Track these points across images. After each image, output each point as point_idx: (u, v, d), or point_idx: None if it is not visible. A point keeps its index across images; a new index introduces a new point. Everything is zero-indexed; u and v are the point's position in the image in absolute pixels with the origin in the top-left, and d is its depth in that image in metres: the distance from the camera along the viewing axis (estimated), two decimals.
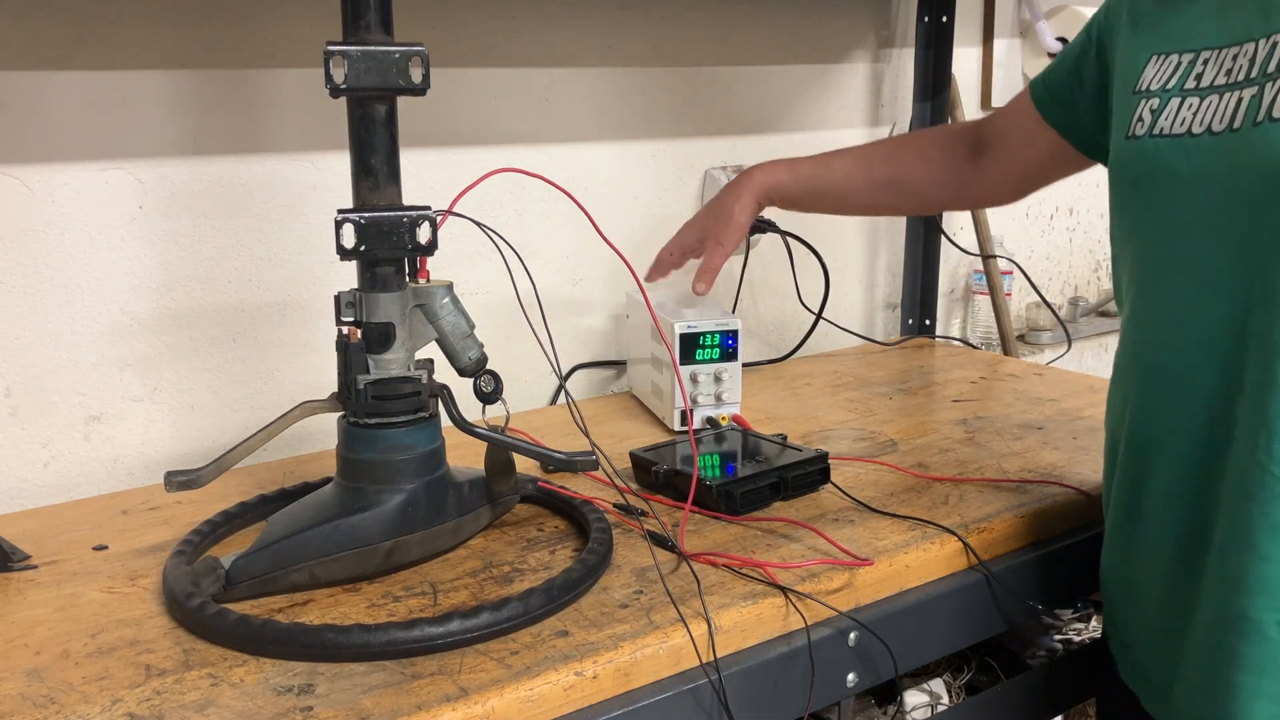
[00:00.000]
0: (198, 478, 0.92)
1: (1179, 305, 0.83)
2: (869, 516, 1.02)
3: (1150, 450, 0.88)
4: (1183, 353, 0.83)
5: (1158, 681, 0.89)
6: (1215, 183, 0.79)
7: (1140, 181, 0.87)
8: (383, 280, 0.90)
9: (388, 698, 0.72)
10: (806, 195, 1.27)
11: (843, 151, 1.28)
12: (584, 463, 0.96)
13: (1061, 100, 1.05)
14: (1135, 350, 0.90)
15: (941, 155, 1.20)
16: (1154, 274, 0.87)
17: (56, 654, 0.79)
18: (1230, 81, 0.80)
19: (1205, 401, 0.82)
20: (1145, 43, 0.90)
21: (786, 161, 1.28)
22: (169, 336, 1.22)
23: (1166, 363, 0.85)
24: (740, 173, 1.31)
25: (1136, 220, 0.88)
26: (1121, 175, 0.90)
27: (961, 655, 1.12)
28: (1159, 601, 0.88)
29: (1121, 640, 0.96)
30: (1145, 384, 0.88)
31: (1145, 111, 0.86)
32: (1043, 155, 1.09)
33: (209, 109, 1.20)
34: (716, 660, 0.81)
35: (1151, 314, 0.87)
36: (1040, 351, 2.02)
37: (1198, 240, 0.81)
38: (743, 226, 1.28)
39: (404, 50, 0.86)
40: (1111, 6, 0.98)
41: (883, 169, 1.23)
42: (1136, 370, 0.89)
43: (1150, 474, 0.88)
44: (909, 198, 1.25)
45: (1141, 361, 0.89)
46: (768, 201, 1.29)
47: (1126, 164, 0.89)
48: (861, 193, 1.25)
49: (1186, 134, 0.82)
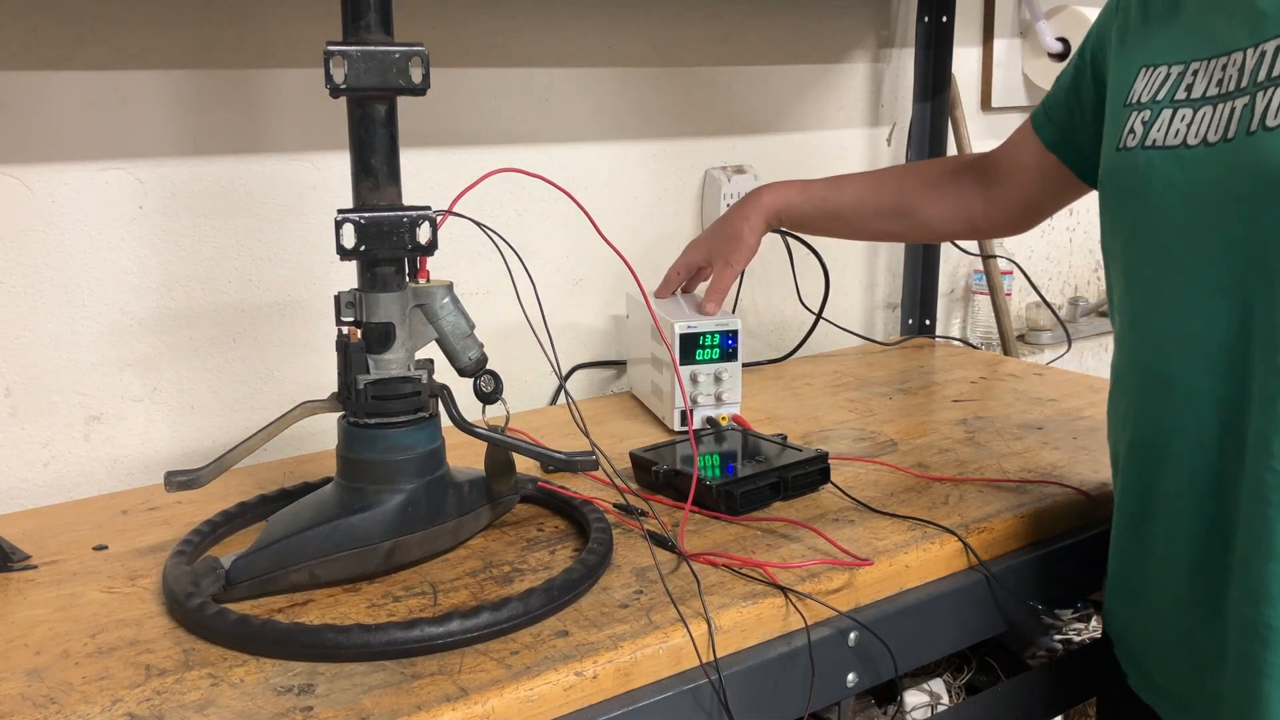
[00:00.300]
0: (198, 478, 0.92)
1: (1179, 313, 0.83)
2: (869, 516, 1.02)
3: (1158, 459, 0.87)
4: (1187, 361, 0.83)
5: (1179, 692, 0.89)
6: (1211, 191, 0.79)
7: (1134, 192, 0.86)
8: (383, 280, 0.90)
9: (388, 698, 0.72)
10: (816, 218, 1.29)
11: (853, 177, 1.29)
12: (584, 463, 0.96)
13: (1060, 124, 1.05)
14: (1136, 359, 0.89)
15: (950, 187, 1.21)
16: (1151, 283, 0.86)
17: (56, 654, 0.79)
18: (1222, 92, 0.80)
19: (1213, 409, 0.81)
20: (1134, 56, 0.90)
21: (798, 183, 1.30)
22: (169, 336, 1.22)
23: (1169, 371, 0.85)
24: (749, 192, 1.32)
25: (1131, 231, 0.88)
26: (1114, 186, 0.90)
27: (961, 655, 1.12)
28: (1177, 611, 0.87)
29: (1129, 650, 0.95)
30: (1148, 393, 0.88)
31: (1136, 123, 0.86)
32: (1047, 183, 1.10)
33: (209, 109, 1.20)
34: (716, 660, 0.81)
35: (1151, 323, 0.87)
36: (1040, 351, 2.02)
37: (1194, 248, 0.81)
38: (752, 248, 1.30)
39: (404, 50, 0.85)
40: (1102, 26, 0.98)
41: (892, 197, 1.24)
42: (1137, 379, 0.89)
43: (1160, 483, 0.87)
44: (918, 227, 1.25)
45: (1143, 370, 0.88)
46: (777, 222, 1.30)
47: (1119, 176, 0.89)
48: (870, 219, 1.26)
49: (1181, 145, 0.82)
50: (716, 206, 1.58)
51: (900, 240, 1.74)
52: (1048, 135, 1.07)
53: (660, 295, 1.38)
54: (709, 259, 1.33)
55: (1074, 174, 1.06)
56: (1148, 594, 0.91)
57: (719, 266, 1.31)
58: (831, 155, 1.73)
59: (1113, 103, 0.92)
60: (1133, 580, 0.93)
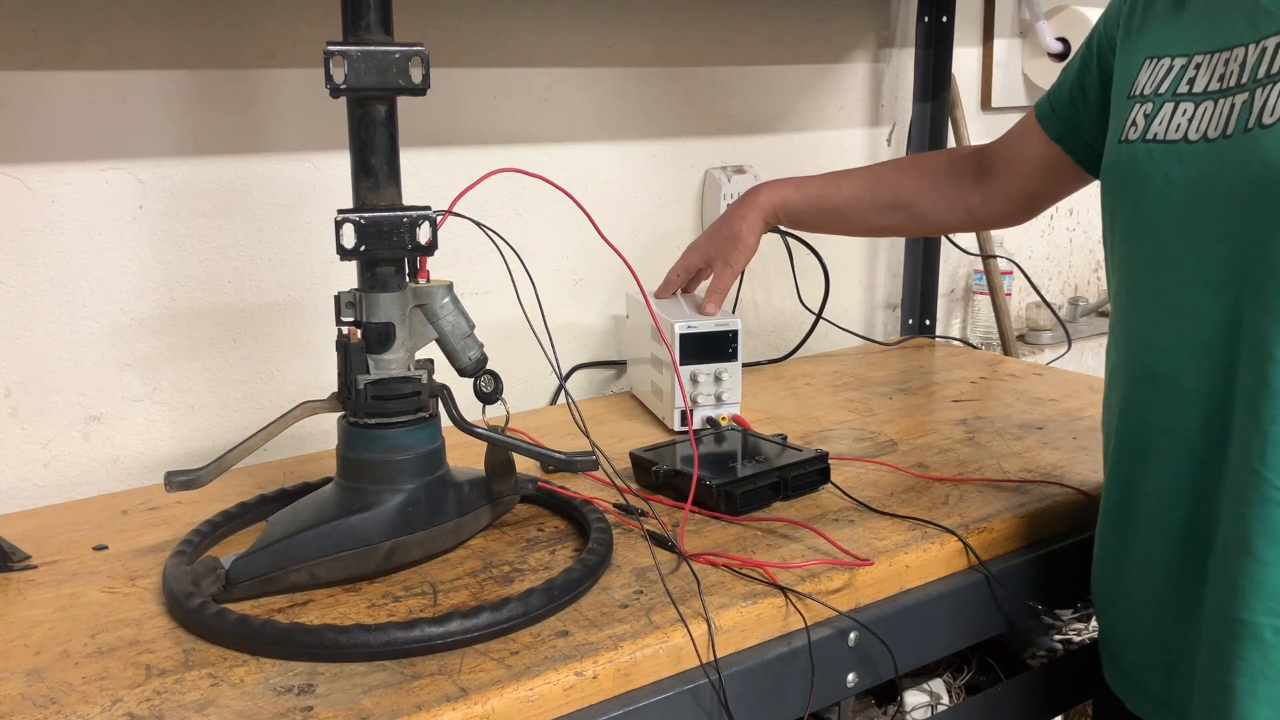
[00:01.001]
0: (198, 478, 0.92)
1: (1170, 309, 0.83)
2: (869, 516, 1.02)
3: (1143, 454, 0.88)
4: (1174, 356, 0.83)
5: (1154, 687, 0.89)
6: (1207, 188, 0.80)
7: (1133, 185, 0.87)
8: (383, 280, 0.90)
9: (388, 698, 0.72)
10: (814, 215, 1.29)
11: (850, 172, 1.29)
12: (584, 463, 0.96)
13: (1065, 115, 1.05)
14: (1126, 353, 0.90)
15: (948, 179, 1.21)
16: (1145, 277, 0.87)
17: (56, 654, 0.79)
18: (1223, 88, 0.80)
19: (1199, 405, 0.82)
20: (1140, 46, 0.90)
21: (794, 180, 1.30)
22: (169, 336, 1.22)
23: (1157, 366, 0.85)
24: (746, 192, 1.32)
25: (1128, 224, 0.88)
26: (1114, 179, 0.90)
27: (961, 655, 1.12)
28: (1155, 605, 0.88)
29: (1108, 643, 0.96)
30: (1136, 387, 0.88)
31: (1139, 116, 0.87)
32: (1049, 174, 1.10)
33: (209, 109, 1.20)
34: (716, 660, 0.81)
35: (1142, 317, 0.87)
36: (1040, 351, 2.02)
37: (1189, 244, 0.81)
38: (751, 247, 1.30)
39: (404, 50, 0.85)
40: (1109, 18, 0.98)
41: (890, 191, 1.24)
42: (1127, 373, 0.89)
43: (1143, 477, 0.88)
44: (916, 220, 1.26)
45: (1132, 364, 0.89)
46: (775, 221, 1.31)
47: (1119, 168, 0.89)
48: (868, 214, 1.26)
49: (1182, 140, 0.82)
50: (716, 206, 1.58)
51: (900, 234, 1.73)
52: (1052, 126, 1.07)
53: (660, 296, 1.38)
54: (708, 260, 1.33)
55: (1078, 165, 1.06)
56: (1127, 588, 0.92)
57: (719, 267, 1.31)
58: (831, 155, 1.73)
59: (1117, 94, 0.92)
60: (1112, 574, 0.94)
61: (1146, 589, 0.88)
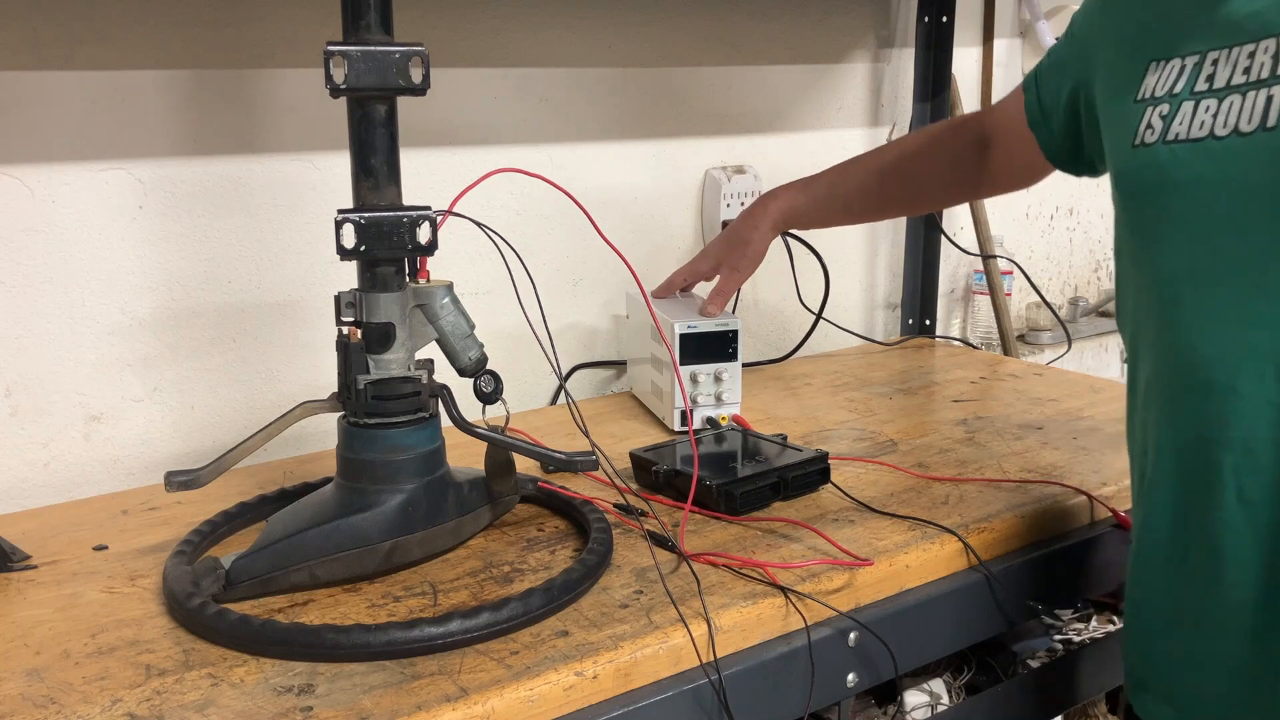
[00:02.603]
0: (198, 478, 0.92)
1: (1227, 315, 0.78)
2: (869, 516, 1.02)
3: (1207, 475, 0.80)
4: (1239, 365, 0.77)
5: None
6: (1251, 184, 0.75)
7: (1158, 189, 0.82)
8: (383, 280, 0.90)
9: (388, 698, 0.72)
10: (823, 214, 1.31)
11: (854, 165, 1.30)
12: (584, 463, 0.95)
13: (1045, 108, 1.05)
14: (1165, 364, 0.83)
15: (949, 154, 1.22)
16: (1189, 286, 0.80)
17: (56, 654, 0.79)
18: (1250, 80, 0.76)
19: (1272, 415, 0.75)
20: (1140, 52, 0.87)
21: (800, 183, 1.31)
22: (169, 336, 1.21)
23: (1217, 378, 0.78)
24: (755, 201, 1.34)
25: (1155, 230, 0.83)
26: (1132, 186, 0.86)
27: (961, 655, 1.12)
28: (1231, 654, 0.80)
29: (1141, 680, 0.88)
30: (1192, 403, 0.80)
31: (1154, 118, 0.83)
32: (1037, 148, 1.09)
33: (209, 109, 1.20)
34: (716, 660, 0.81)
35: (1192, 327, 0.80)
36: (1040, 351, 2.02)
37: (1239, 245, 0.77)
38: (760, 254, 1.32)
39: (404, 50, 0.85)
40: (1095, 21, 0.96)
41: (895, 180, 1.25)
42: (1176, 388, 0.82)
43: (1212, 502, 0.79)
44: (925, 200, 1.26)
45: (1184, 379, 0.81)
46: (786, 227, 1.33)
47: (1138, 174, 0.84)
48: (876, 204, 1.28)
49: (1209, 137, 0.78)
50: (716, 206, 1.58)
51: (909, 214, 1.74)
52: (1032, 112, 1.06)
53: (660, 296, 1.38)
54: (717, 267, 1.34)
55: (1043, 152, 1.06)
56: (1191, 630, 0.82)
57: (726, 272, 1.33)
58: (831, 155, 1.71)
59: (1120, 100, 0.88)
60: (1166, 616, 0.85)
61: (1218, 630, 0.79)
